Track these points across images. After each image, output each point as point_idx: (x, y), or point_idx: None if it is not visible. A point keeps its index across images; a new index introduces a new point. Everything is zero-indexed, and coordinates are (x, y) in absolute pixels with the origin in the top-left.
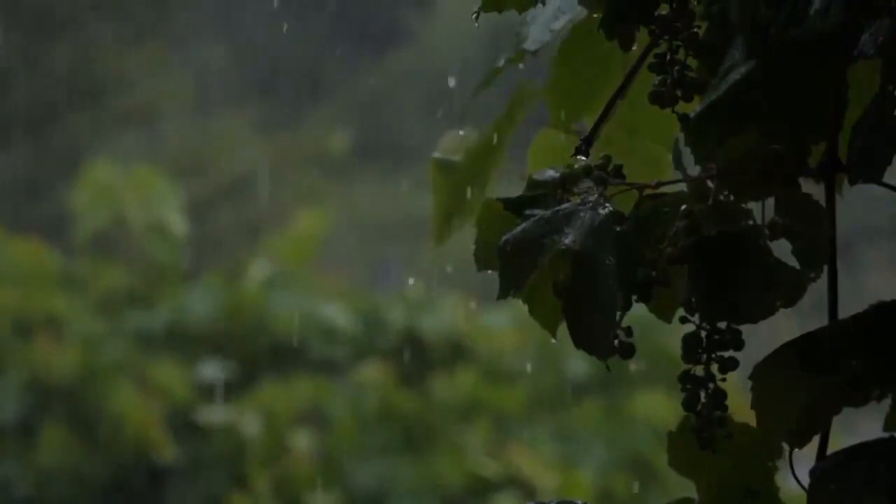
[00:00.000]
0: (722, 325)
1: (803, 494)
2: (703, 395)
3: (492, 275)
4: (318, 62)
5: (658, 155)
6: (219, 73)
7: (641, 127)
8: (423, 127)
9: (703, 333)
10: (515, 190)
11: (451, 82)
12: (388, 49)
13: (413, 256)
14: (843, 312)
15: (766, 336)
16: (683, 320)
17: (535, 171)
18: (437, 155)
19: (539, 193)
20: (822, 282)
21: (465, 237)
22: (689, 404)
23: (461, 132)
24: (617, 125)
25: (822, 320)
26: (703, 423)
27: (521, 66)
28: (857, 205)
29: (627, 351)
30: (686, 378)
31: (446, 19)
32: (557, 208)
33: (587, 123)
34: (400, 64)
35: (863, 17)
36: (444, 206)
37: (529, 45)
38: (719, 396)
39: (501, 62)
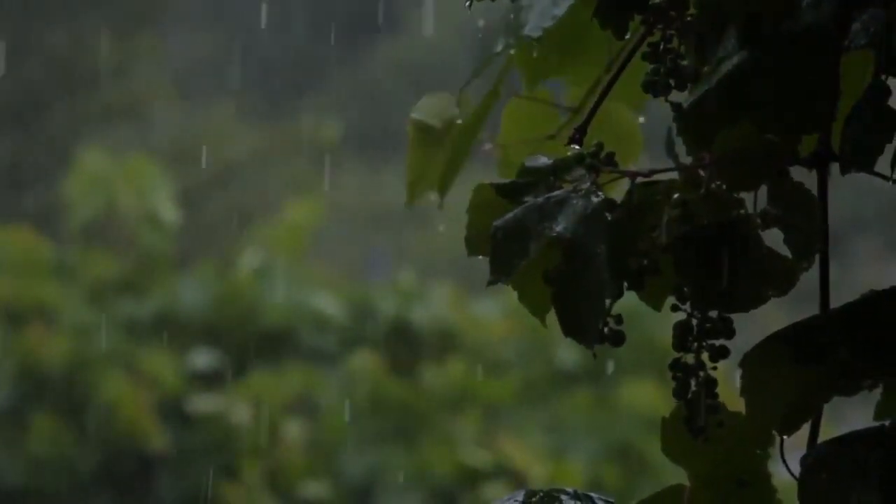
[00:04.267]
0: (713, 313)
1: (794, 483)
2: (693, 383)
3: (482, 263)
4: (309, 51)
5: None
6: (210, 63)
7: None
8: None
9: (695, 321)
10: (487, 159)
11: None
12: (379, 38)
13: (404, 246)
14: (835, 302)
15: (757, 325)
16: (674, 308)
17: (508, 139)
18: (416, 116)
19: (531, 180)
20: (813, 271)
21: (459, 231)
22: (679, 392)
23: (438, 98)
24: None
25: (812, 310)
26: (694, 411)
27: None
28: (849, 195)
29: (617, 339)
30: (677, 366)
31: (439, 8)
32: (549, 195)
33: (562, 95)
34: (391, 53)
35: (855, 8)
36: (419, 168)
37: (530, 30)
38: (710, 385)
39: (499, 47)
